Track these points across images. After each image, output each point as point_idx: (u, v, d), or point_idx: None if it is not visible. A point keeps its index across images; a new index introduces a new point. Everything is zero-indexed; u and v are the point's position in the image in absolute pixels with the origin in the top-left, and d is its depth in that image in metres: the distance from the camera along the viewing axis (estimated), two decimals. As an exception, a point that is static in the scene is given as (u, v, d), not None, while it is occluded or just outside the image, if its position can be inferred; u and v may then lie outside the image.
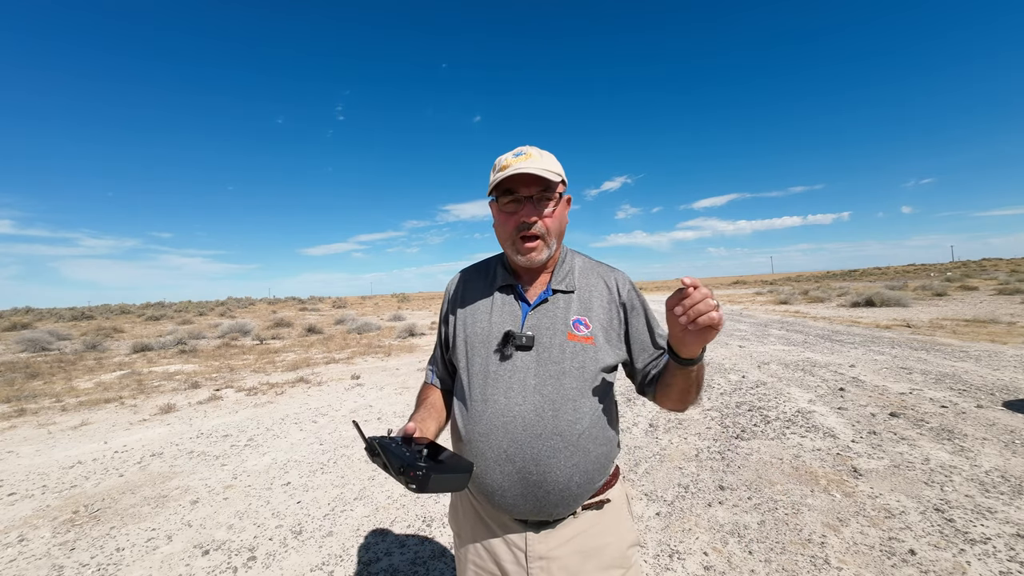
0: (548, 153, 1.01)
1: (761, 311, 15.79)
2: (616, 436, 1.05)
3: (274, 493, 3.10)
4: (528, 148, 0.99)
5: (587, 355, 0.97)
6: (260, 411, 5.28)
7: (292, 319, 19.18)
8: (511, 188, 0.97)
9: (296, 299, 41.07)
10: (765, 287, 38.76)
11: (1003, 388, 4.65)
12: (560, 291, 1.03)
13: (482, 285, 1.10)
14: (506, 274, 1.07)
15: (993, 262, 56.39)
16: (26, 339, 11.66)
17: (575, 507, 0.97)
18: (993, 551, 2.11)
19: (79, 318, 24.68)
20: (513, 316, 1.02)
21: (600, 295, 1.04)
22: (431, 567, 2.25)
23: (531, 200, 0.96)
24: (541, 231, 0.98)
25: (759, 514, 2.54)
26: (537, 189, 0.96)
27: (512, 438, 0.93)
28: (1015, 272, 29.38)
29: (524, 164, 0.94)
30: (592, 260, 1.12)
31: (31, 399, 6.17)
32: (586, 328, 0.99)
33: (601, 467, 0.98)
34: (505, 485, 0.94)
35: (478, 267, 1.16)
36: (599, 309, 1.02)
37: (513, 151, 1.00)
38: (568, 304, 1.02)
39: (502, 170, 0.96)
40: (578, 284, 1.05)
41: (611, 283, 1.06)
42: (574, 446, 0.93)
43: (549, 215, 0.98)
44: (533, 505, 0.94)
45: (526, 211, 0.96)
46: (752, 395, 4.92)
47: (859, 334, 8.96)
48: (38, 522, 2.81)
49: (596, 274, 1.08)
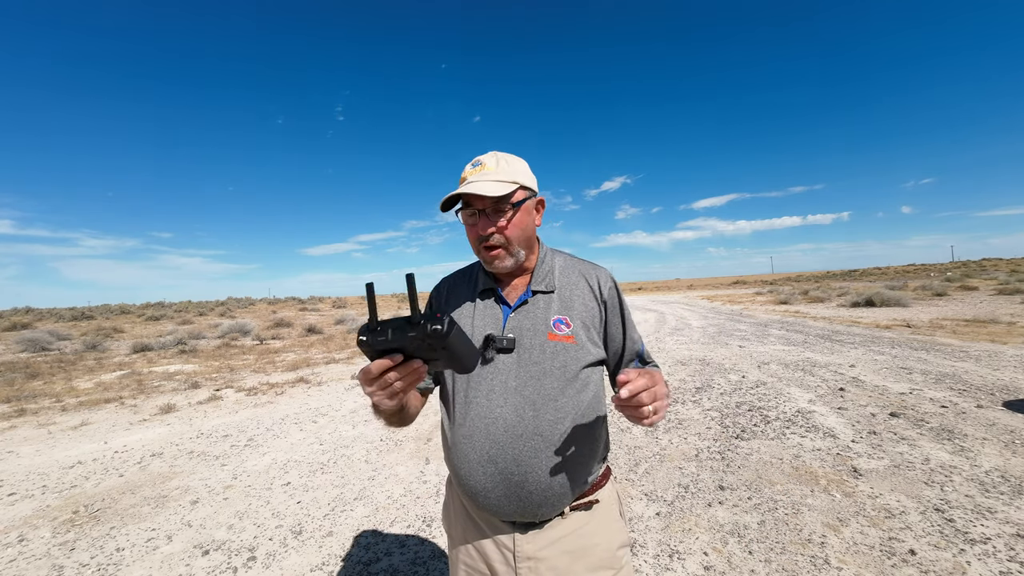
0: (510, 158, 1.01)
1: (761, 311, 15.79)
2: (604, 436, 1.04)
3: (274, 493, 3.11)
4: (486, 157, 0.99)
5: (568, 354, 0.97)
6: (260, 411, 5.28)
7: (292, 319, 19.18)
8: (468, 201, 0.97)
9: (296, 299, 41.09)
10: (765, 287, 38.75)
11: (1003, 388, 4.65)
12: (540, 292, 1.03)
13: (465, 291, 1.10)
14: (487, 279, 1.07)
15: (993, 262, 56.38)
16: (26, 339, 11.66)
17: (560, 508, 0.96)
18: (993, 551, 2.11)
19: (79, 318, 24.68)
20: (494, 320, 1.02)
21: (581, 293, 1.04)
22: (431, 567, 2.25)
23: (484, 213, 0.97)
24: (500, 242, 0.97)
25: (759, 514, 2.54)
26: (491, 201, 0.96)
27: (493, 440, 0.93)
28: (1015, 272, 29.38)
29: (476, 178, 0.95)
30: (575, 258, 1.11)
31: (31, 399, 6.17)
32: (567, 327, 0.99)
33: (586, 467, 0.98)
34: (489, 486, 0.94)
35: (462, 273, 1.17)
36: (580, 307, 1.02)
37: (472, 161, 1.00)
38: (548, 304, 1.02)
39: (461, 183, 0.97)
40: (558, 283, 1.05)
41: (592, 280, 1.06)
42: (555, 446, 0.93)
43: (505, 226, 0.97)
44: (517, 506, 0.94)
45: (482, 224, 0.97)
46: (752, 395, 4.92)
47: (859, 334, 8.96)
48: (38, 522, 2.81)
49: (577, 272, 1.08)
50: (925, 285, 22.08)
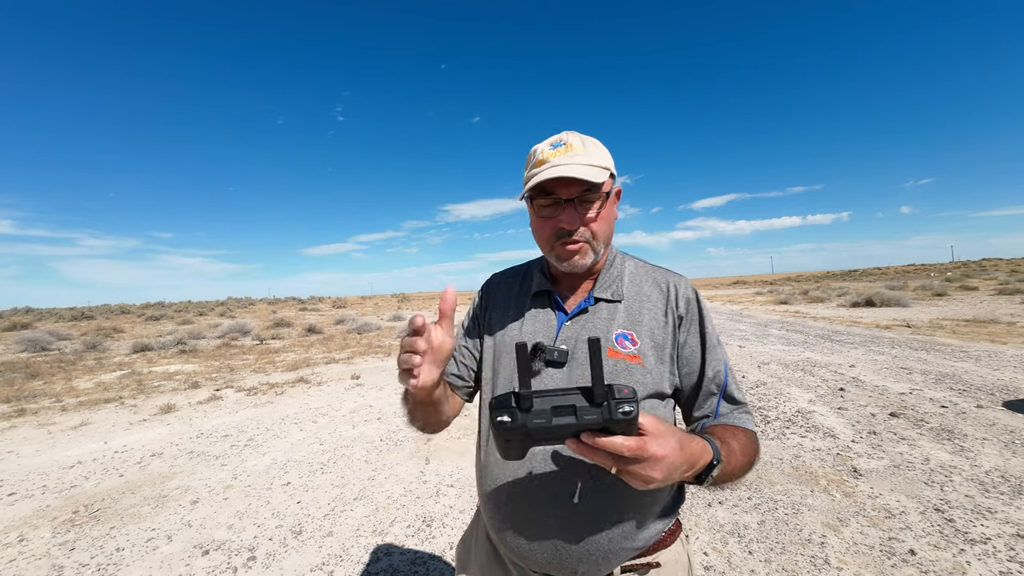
0: (592, 140, 0.85)
1: (761, 311, 15.79)
2: (674, 484, 0.77)
3: (274, 493, 3.10)
4: (568, 136, 0.83)
5: (632, 377, 0.80)
6: (260, 411, 5.28)
7: (292, 319, 19.18)
8: (548, 188, 0.81)
9: (296, 299, 41.08)
10: (765, 287, 38.77)
11: (1003, 388, 4.65)
12: (603, 300, 0.87)
13: (516, 290, 0.97)
14: (543, 279, 0.93)
15: (993, 262, 56.39)
16: (26, 339, 11.67)
17: (606, 569, 0.79)
18: (993, 551, 2.11)
19: (79, 318, 24.68)
20: (547, 326, 0.88)
21: (653, 306, 0.87)
22: (431, 567, 2.25)
23: (572, 203, 0.80)
24: (585, 236, 0.82)
25: (759, 514, 2.54)
26: (579, 190, 0.80)
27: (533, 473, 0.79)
28: (1015, 272, 29.39)
29: (563, 160, 0.79)
30: (648, 264, 0.95)
31: (31, 399, 6.17)
32: (632, 345, 0.82)
33: (644, 520, 0.80)
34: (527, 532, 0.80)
35: (515, 270, 1.03)
36: (651, 322, 0.85)
37: (550, 140, 0.84)
38: (612, 315, 0.86)
39: (536, 167, 0.81)
40: (627, 293, 0.88)
41: (669, 291, 0.88)
42: (611, 488, 0.76)
43: (594, 218, 0.82)
44: (553, 557, 0.78)
45: (567, 216, 0.81)
46: (752, 395, 4.92)
47: (859, 334, 8.96)
48: (38, 522, 2.81)
49: (651, 280, 0.90)
50: (925, 285, 22.08)
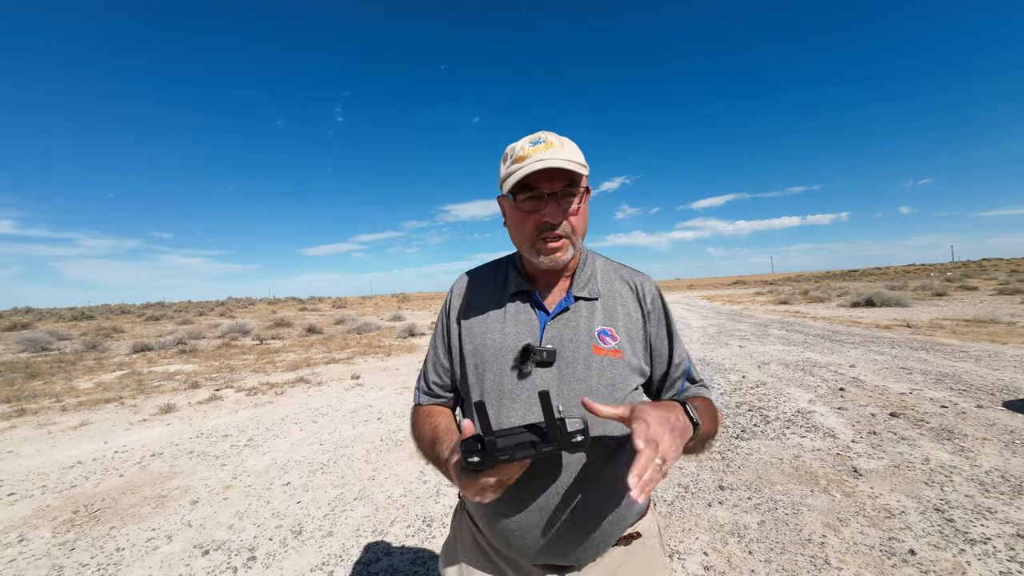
0: (568, 140, 0.87)
1: (761, 311, 15.79)
2: None
3: (274, 493, 3.10)
4: (546, 134, 0.85)
5: (616, 371, 0.85)
6: (260, 411, 5.28)
7: (292, 319, 19.18)
8: (530, 183, 0.82)
9: (296, 299, 41.08)
10: (765, 287, 38.78)
11: (1003, 388, 4.65)
12: (583, 298, 0.91)
13: (492, 290, 0.96)
14: (520, 278, 0.94)
15: (993, 262, 56.40)
16: (26, 339, 11.67)
17: (606, 547, 0.85)
18: (993, 551, 2.11)
19: (79, 318, 24.67)
20: (530, 327, 0.89)
21: (625, 302, 0.92)
22: (431, 567, 2.25)
23: (555, 197, 0.82)
24: (567, 231, 0.84)
25: (759, 514, 2.54)
26: (562, 184, 0.82)
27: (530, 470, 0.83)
28: (1015, 272, 29.39)
29: (545, 156, 0.80)
30: (614, 262, 0.99)
31: (31, 399, 6.17)
32: (612, 340, 0.87)
33: (633, 502, 0.86)
34: (525, 525, 0.82)
35: (485, 269, 1.03)
36: (625, 318, 0.90)
37: (528, 138, 0.86)
38: (592, 313, 0.89)
39: (518, 162, 0.81)
40: (601, 290, 0.92)
41: (636, 288, 0.94)
42: (606, 479, 0.82)
43: (575, 212, 0.85)
44: (555, 547, 0.82)
45: (550, 210, 0.82)
46: (752, 395, 4.92)
47: (859, 334, 8.96)
48: (38, 522, 2.81)
49: (620, 278, 0.96)
50: (925, 285, 22.09)
